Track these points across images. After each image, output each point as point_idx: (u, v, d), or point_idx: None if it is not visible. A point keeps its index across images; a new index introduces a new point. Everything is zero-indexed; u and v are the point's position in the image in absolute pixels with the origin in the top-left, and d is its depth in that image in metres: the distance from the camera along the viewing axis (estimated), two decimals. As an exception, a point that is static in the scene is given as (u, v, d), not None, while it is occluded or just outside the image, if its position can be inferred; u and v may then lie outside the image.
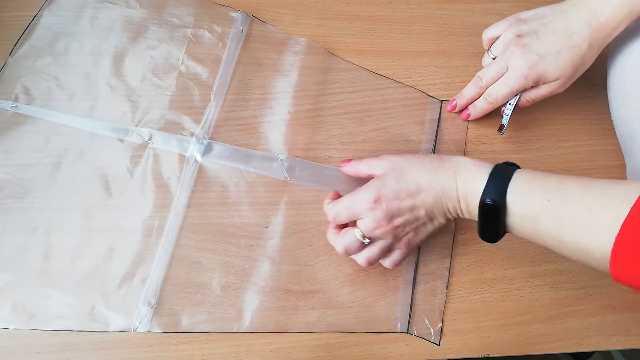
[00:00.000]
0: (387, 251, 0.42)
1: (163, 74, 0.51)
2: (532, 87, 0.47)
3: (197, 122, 0.49)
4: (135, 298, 0.43)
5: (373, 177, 0.43)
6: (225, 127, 0.50)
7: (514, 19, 0.48)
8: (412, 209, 0.40)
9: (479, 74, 0.50)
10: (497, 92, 0.48)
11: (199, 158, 0.48)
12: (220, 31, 0.53)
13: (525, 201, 0.37)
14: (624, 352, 0.94)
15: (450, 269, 0.47)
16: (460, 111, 0.53)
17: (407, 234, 0.42)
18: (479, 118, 0.52)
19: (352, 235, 0.41)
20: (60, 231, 0.45)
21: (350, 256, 0.43)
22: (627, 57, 0.48)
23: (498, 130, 0.51)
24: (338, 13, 0.57)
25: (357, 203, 0.42)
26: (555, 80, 0.46)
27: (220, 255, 0.45)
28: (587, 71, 0.47)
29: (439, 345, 0.45)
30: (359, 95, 0.53)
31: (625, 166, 0.51)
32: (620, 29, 0.45)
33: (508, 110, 0.49)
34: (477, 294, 0.47)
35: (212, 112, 0.50)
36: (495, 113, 0.51)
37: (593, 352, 0.92)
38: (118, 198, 0.46)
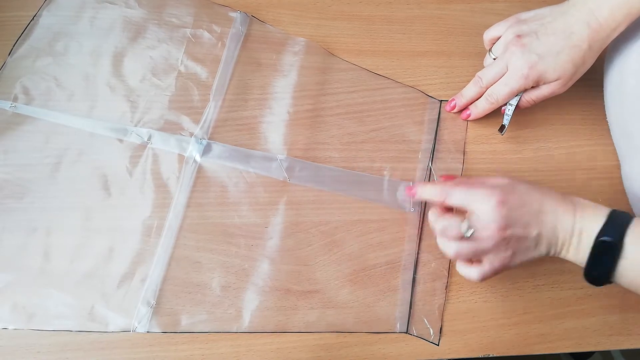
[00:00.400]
0: (478, 256, 0.41)
1: (162, 74, 0.51)
2: (532, 87, 0.47)
3: (196, 122, 0.49)
4: (134, 298, 0.43)
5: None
6: (224, 127, 0.50)
7: (514, 20, 0.48)
8: (527, 225, 0.39)
9: (479, 73, 0.50)
10: (498, 92, 0.48)
11: (198, 158, 0.48)
12: (219, 31, 0.53)
13: None
14: (624, 352, 0.95)
15: (449, 270, 0.47)
16: (460, 111, 0.53)
17: (507, 250, 0.40)
18: (479, 118, 0.52)
19: (455, 222, 0.40)
20: (59, 231, 0.45)
21: (440, 244, 0.42)
22: (625, 59, 0.48)
23: (499, 130, 0.51)
24: (338, 13, 0.57)
25: (479, 193, 0.40)
26: (555, 80, 0.46)
27: (220, 255, 0.45)
28: (587, 72, 0.47)
29: (438, 345, 0.45)
30: (359, 95, 0.53)
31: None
32: (620, 29, 0.44)
33: (509, 110, 0.49)
34: (477, 294, 0.47)
35: (211, 112, 0.50)
36: (494, 113, 0.51)
37: (593, 352, 0.92)
38: (117, 198, 0.46)
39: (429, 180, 0.50)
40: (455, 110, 0.52)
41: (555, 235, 0.39)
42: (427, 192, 0.43)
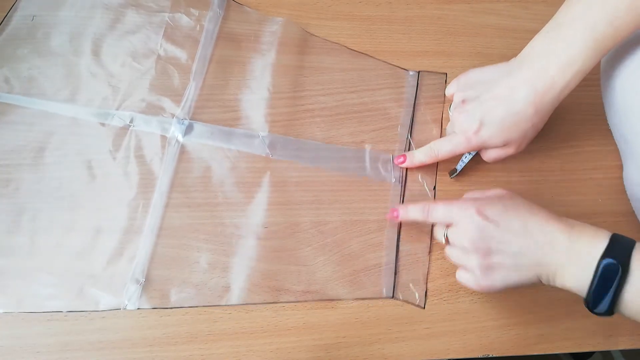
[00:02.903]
0: (463, 265, 0.41)
1: (142, 58, 0.52)
2: (487, 148, 0.47)
3: (178, 103, 0.50)
4: (123, 277, 0.44)
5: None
6: (205, 107, 0.51)
7: (463, 81, 0.47)
8: (508, 241, 0.38)
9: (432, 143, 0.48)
10: (440, 147, 0.47)
11: (180, 138, 0.49)
12: (197, 14, 0.54)
13: None
14: (624, 352, 0.93)
15: (431, 236, 0.48)
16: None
17: (488, 265, 0.39)
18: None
19: (439, 228, 0.42)
20: (46, 215, 0.46)
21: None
22: (618, 66, 0.47)
23: (449, 173, 0.50)
24: (338, 13, 0.57)
25: (458, 206, 0.40)
26: (503, 145, 0.45)
27: (206, 232, 0.46)
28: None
29: (424, 308, 0.46)
30: (338, 72, 0.53)
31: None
32: (570, 88, 0.42)
33: (465, 158, 0.49)
34: (477, 294, 0.47)
35: (191, 93, 0.50)
36: None
37: (593, 352, 0.88)
38: (102, 181, 0.47)
39: (408, 150, 0.51)
40: (403, 165, 0.50)
41: (544, 259, 0.37)
42: (411, 212, 0.44)
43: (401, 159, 0.49)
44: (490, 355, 0.45)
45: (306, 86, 0.52)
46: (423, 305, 0.46)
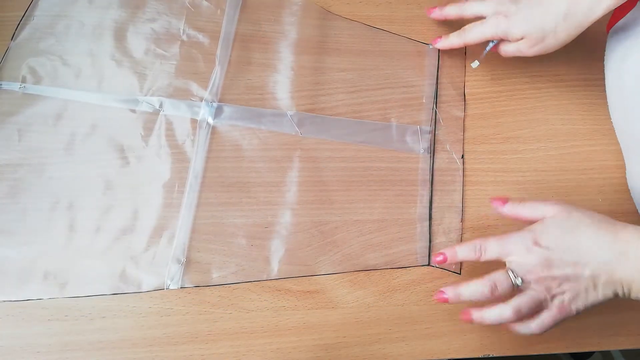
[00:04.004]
0: (538, 306, 0.38)
1: (166, 44, 0.52)
2: (505, 40, 0.48)
3: (205, 87, 0.50)
4: (164, 257, 0.45)
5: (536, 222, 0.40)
6: (232, 89, 0.51)
7: None
8: (575, 264, 0.36)
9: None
10: (470, 29, 0.49)
11: (210, 121, 0.49)
12: (217, -1, 0.54)
13: None
14: (624, 352, 0.94)
15: (463, 203, 0.49)
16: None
17: (563, 293, 0.37)
18: (478, 117, 0.53)
19: (502, 273, 0.38)
20: (82, 202, 0.46)
21: (494, 310, 0.39)
22: (624, 60, 0.48)
23: (471, 64, 0.53)
24: (339, 13, 0.56)
25: (512, 239, 0.38)
26: (520, 38, 0.47)
27: (242, 209, 0.47)
28: (586, 71, 0.46)
29: (459, 274, 0.47)
30: (359, 47, 0.54)
31: (625, 167, 0.52)
32: (602, 7, 0.42)
33: (487, 48, 0.51)
34: None
35: (218, 76, 0.51)
36: (492, 116, 0.53)
37: (593, 352, 0.89)
38: (136, 165, 0.47)
39: (434, 123, 0.52)
40: (437, 45, 0.53)
41: (616, 274, 0.36)
42: (461, 253, 0.41)
43: (437, 40, 0.53)
44: (490, 355, 0.45)
45: (328, 63, 0.53)
46: (459, 271, 0.47)
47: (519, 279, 0.38)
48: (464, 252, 0.41)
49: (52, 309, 0.43)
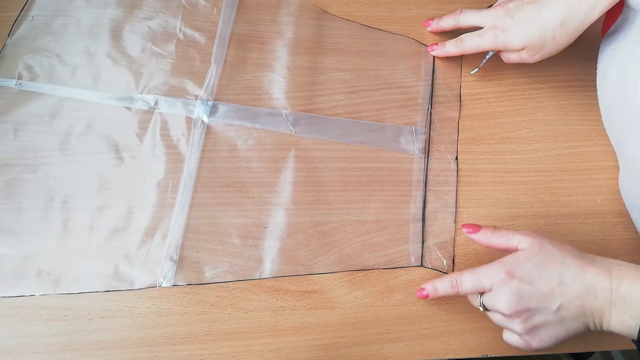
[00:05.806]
0: (507, 328, 0.40)
1: (162, 43, 0.52)
2: (507, 50, 0.48)
3: (200, 85, 0.50)
4: (157, 255, 0.44)
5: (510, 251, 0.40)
6: (228, 88, 0.51)
7: None
8: (544, 298, 0.37)
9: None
10: (468, 39, 0.50)
11: (205, 119, 0.49)
12: (213, -3, 0.54)
13: None
14: (624, 352, 0.93)
15: (456, 204, 0.49)
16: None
17: (529, 327, 0.38)
18: (477, 117, 0.53)
19: (474, 297, 0.41)
20: (76, 199, 0.46)
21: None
22: (608, 67, 0.48)
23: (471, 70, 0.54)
24: (337, 13, 0.56)
25: (485, 273, 0.39)
26: (521, 49, 0.47)
27: (236, 208, 0.47)
28: (585, 72, 0.46)
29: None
30: (355, 47, 0.54)
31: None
32: (600, 8, 0.42)
33: (488, 56, 0.52)
34: None
35: (213, 74, 0.51)
36: (491, 116, 0.53)
37: (593, 352, 0.88)
38: (130, 163, 0.47)
39: (429, 124, 0.52)
40: (434, 52, 0.54)
41: (587, 307, 0.37)
42: (441, 288, 0.42)
43: (434, 46, 0.53)
44: (490, 355, 0.45)
45: (324, 63, 0.53)
46: (448, 272, 0.47)
47: (481, 307, 0.40)
48: (443, 286, 0.42)
49: (51, 309, 0.43)
